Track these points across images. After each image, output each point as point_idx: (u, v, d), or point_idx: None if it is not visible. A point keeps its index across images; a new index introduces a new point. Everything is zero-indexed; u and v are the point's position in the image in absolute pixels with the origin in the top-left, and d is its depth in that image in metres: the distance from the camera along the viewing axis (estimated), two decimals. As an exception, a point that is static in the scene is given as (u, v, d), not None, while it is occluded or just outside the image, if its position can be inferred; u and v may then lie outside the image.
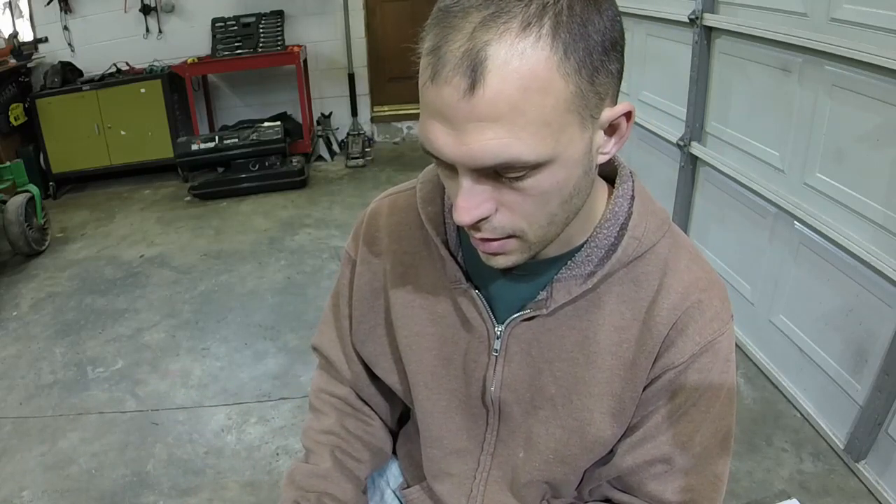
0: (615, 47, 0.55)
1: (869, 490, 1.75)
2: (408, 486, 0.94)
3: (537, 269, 0.71)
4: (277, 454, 2.01)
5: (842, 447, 1.85)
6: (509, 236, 0.61)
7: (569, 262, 0.69)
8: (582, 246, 0.69)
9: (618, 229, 0.68)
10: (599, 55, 0.53)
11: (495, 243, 0.61)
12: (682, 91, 2.47)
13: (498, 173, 0.55)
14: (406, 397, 0.86)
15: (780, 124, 2.00)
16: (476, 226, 0.59)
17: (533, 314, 0.71)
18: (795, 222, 1.97)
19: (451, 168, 0.58)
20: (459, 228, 0.75)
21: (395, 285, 0.80)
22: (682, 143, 2.50)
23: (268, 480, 1.91)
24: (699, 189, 2.56)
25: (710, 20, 2.26)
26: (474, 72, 0.50)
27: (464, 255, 0.75)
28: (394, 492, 0.98)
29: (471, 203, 0.57)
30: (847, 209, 1.76)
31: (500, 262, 0.64)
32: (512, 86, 0.50)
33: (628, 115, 0.59)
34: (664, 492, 0.73)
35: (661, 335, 0.68)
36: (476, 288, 0.74)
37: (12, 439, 2.14)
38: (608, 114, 0.57)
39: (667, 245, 0.70)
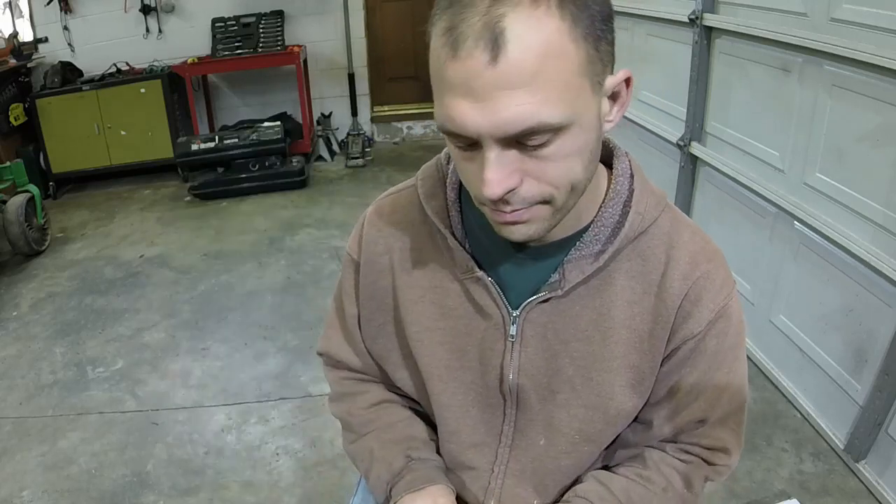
0: (611, 19, 0.59)
1: (869, 490, 1.75)
2: None
3: (546, 251, 0.72)
4: (277, 454, 2.01)
5: (842, 447, 1.85)
6: (539, 202, 0.61)
7: (577, 243, 0.71)
8: (588, 226, 0.71)
9: (621, 207, 0.71)
10: (600, 24, 0.57)
11: (525, 212, 0.61)
12: (681, 91, 2.47)
13: (521, 143, 0.57)
14: (417, 394, 0.86)
15: (780, 124, 2.00)
16: (505, 199, 0.59)
17: (548, 296, 0.72)
18: (795, 222, 1.97)
19: (472, 147, 0.59)
20: (463, 220, 0.76)
21: (402, 282, 0.80)
22: (681, 143, 2.50)
23: (268, 480, 1.91)
24: (699, 189, 2.56)
25: (710, 20, 2.26)
26: (496, 41, 0.52)
27: (471, 246, 0.76)
28: None
29: (500, 174, 0.57)
30: (847, 209, 1.76)
31: (523, 231, 0.63)
32: (531, 53, 0.53)
33: (628, 82, 0.63)
34: (699, 442, 0.80)
35: (675, 305, 0.72)
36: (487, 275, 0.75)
37: (12, 439, 2.14)
38: (611, 81, 0.61)
39: (668, 219, 0.73)
